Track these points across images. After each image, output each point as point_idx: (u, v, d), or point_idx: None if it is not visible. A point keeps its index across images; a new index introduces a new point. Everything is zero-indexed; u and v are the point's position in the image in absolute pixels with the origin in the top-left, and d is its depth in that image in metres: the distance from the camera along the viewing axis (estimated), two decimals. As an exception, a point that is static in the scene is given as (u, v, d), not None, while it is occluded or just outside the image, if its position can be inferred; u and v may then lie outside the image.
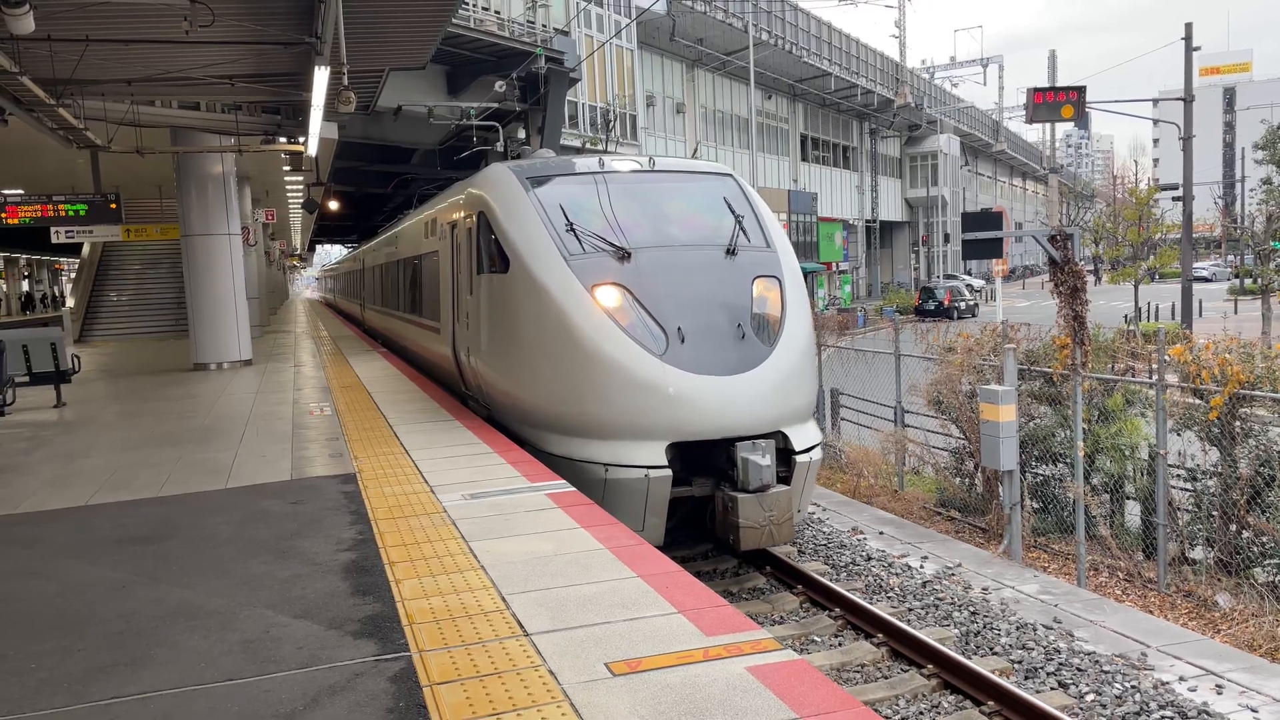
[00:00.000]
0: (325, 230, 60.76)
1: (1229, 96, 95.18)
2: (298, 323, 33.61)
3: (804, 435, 8.09)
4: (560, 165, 9.41)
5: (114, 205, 14.86)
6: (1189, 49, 26.69)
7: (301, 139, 14.58)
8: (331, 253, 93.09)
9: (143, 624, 4.39)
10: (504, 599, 4.48)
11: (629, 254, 8.15)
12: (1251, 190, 37.66)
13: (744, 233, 8.71)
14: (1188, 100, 25.77)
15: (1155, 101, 42.10)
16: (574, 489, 6.62)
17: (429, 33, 11.02)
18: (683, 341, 7.64)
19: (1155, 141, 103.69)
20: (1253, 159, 31.97)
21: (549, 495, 6.40)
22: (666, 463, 7.58)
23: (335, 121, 17.71)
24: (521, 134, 24.28)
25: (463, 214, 10.25)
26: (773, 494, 7.46)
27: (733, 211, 8.97)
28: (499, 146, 20.99)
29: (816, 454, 8.18)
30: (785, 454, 7.91)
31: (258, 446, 8.82)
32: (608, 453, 7.66)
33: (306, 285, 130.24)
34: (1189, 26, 26.83)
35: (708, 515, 8.06)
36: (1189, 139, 25.86)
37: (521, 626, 4.14)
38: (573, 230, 8.31)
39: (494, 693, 3.52)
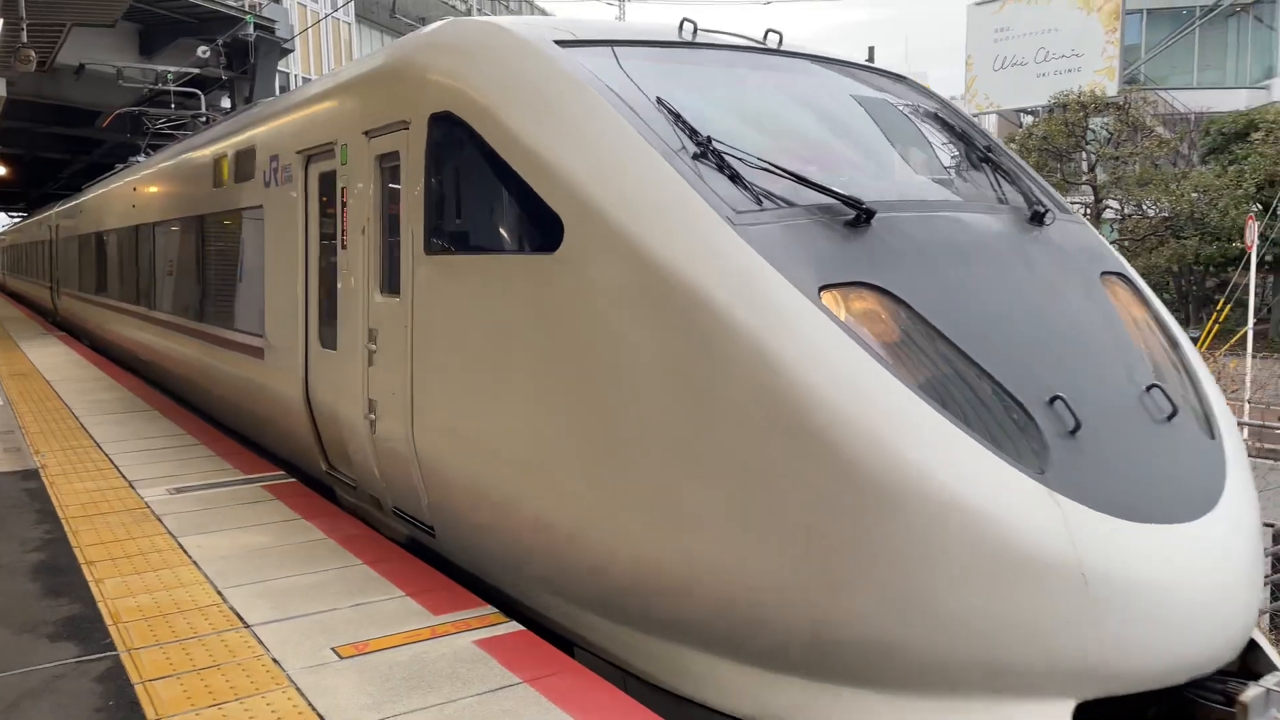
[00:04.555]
0: (-16, 197, 53.54)
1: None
2: (-49, 301, 29.51)
3: (1264, 642, 3.88)
4: (607, 28, 4.97)
5: None
6: (870, 71, 29.70)
7: (-39, 94, 12.89)
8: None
9: None
10: (220, 593, 4.36)
11: (868, 214, 3.77)
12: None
13: (1015, 182, 4.67)
14: (869, 117, 28.68)
15: (843, 115, 46.42)
16: (294, 480, 6.41)
17: (123, -11, 10.16)
18: (1075, 433, 3.44)
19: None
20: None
21: (264, 487, 6.20)
22: None
23: (3, 78, 15.75)
24: (226, 103, 22.71)
25: (374, 124, 5.29)
26: None
27: (969, 141, 4.96)
28: (202, 117, 19.53)
29: None
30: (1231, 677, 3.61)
31: (-88, 441, 7.81)
32: None
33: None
34: (871, 50, 29.86)
35: None
36: (869, 152, 28.83)
37: (241, 618, 4.06)
38: (716, 158, 3.87)
39: (214, 685, 3.46)
